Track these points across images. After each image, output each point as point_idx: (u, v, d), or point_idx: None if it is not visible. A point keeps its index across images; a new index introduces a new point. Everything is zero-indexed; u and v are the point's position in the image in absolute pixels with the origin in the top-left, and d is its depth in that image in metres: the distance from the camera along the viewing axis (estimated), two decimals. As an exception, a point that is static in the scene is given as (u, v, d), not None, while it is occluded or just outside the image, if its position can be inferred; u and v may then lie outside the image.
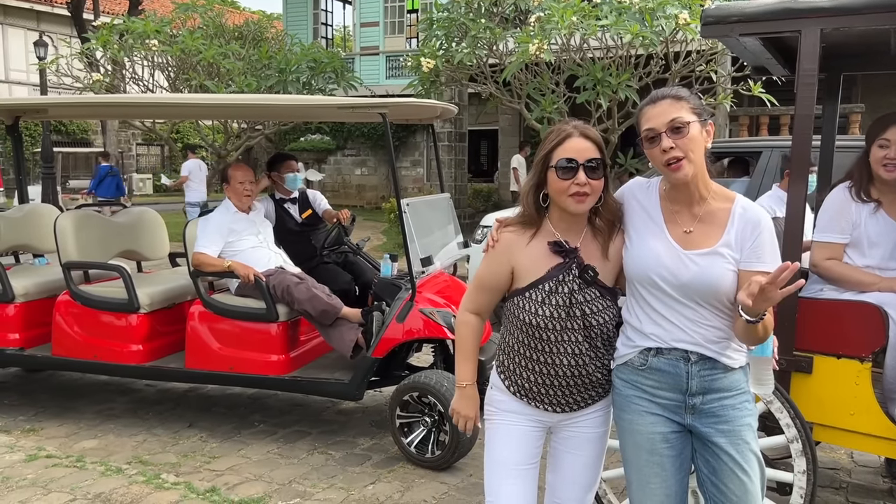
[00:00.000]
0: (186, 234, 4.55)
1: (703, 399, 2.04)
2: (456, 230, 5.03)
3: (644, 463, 2.08)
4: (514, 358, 2.17)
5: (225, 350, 4.37)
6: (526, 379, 2.16)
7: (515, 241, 2.13)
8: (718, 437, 2.03)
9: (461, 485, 3.83)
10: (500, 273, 2.16)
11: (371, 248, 11.69)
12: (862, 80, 14.36)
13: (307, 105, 4.55)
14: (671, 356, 2.04)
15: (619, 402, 2.14)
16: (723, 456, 2.02)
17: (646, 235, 2.07)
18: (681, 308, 2.02)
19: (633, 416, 2.09)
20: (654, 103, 2.00)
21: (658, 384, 2.06)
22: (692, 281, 1.98)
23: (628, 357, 2.10)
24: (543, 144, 2.10)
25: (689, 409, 2.05)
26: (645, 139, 2.01)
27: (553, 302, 2.06)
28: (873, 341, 2.77)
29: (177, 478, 3.80)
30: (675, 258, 2.01)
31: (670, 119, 1.95)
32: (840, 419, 2.84)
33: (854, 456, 4.14)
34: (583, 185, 2.01)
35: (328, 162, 20.50)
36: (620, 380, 2.13)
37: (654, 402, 2.07)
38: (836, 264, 3.01)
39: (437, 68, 8.90)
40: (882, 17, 2.58)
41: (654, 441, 2.07)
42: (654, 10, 7.34)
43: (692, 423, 2.07)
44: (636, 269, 2.07)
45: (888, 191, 3.01)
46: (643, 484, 2.09)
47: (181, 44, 9.83)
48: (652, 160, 2.04)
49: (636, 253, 2.07)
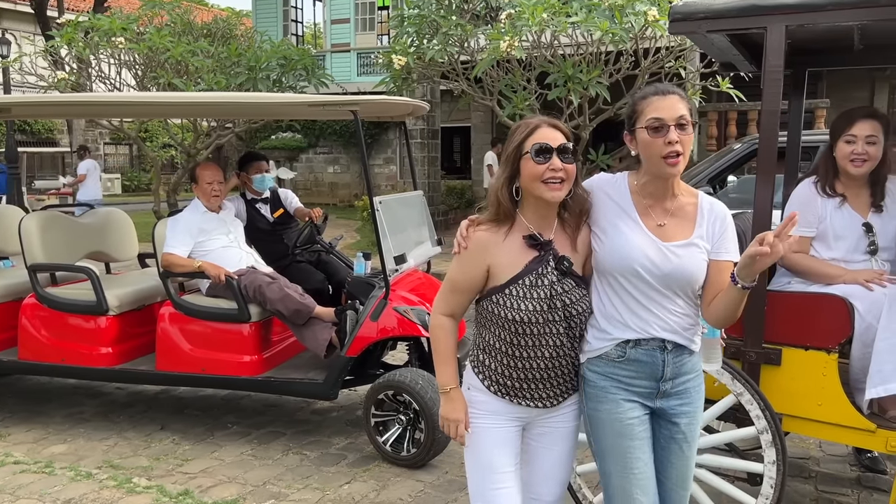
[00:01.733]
0: (155, 235, 4.50)
1: (672, 384, 2.13)
2: (429, 228, 5.02)
3: (626, 449, 2.11)
4: (495, 356, 2.16)
5: (196, 351, 4.32)
6: (507, 376, 2.15)
7: (490, 239, 2.11)
8: (680, 418, 2.16)
9: (437, 482, 3.83)
10: (476, 273, 2.14)
11: (345, 247, 11.63)
12: (827, 75, 14.61)
13: (277, 103, 4.52)
14: (649, 346, 2.10)
15: (595, 395, 2.14)
16: (677, 435, 2.16)
17: (623, 228, 2.11)
18: (659, 298, 2.09)
19: (611, 406, 2.12)
20: (663, 95, 2.05)
21: (635, 374, 2.11)
22: (674, 271, 2.06)
23: (603, 350, 2.12)
24: (512, 137, 2.11)
25: (660, 394, 2.14)
26: (650, 128, 2.04)
27: (534, 295, 2.07)
28: (839, 333, 2.82)
29: (149, 481, 3.76)
30: (656, 250, 2.07)
31: (679, 115, 2.02)
32: (808, 410, 2.89)
33: (823, 446, 4.21)
34: (558, 169, 2.03)
35: (300, 160, 20.36)
36: (594, 373, 2.14)
37: (629, 391, 2.13)
38: (804, 257, 3.05)
39: (408, 65, 8.87)
40: (845, 13, 2.63)
41: (633, 426, 2.12)
42: (623, 7, 7.38)
43: (660, 406, 2.15)
44: (618, 261, 2.09)
45: (853, 185, 3.06)
46: (627, 471, 2.11)
47: (148, 41, 9.66)
48: (649, 148, 2.05)
49: (617, 245, 2.09)
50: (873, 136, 2.96)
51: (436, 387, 3.90)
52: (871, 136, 2.96)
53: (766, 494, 2.77)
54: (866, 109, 3.07)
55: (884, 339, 2.77)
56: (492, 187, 2.16)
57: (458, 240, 2.16)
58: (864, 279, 2.88)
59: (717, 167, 6.27)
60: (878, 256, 3.00)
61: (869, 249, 3.00)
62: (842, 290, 2.87)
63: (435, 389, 3.90)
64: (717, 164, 6.43)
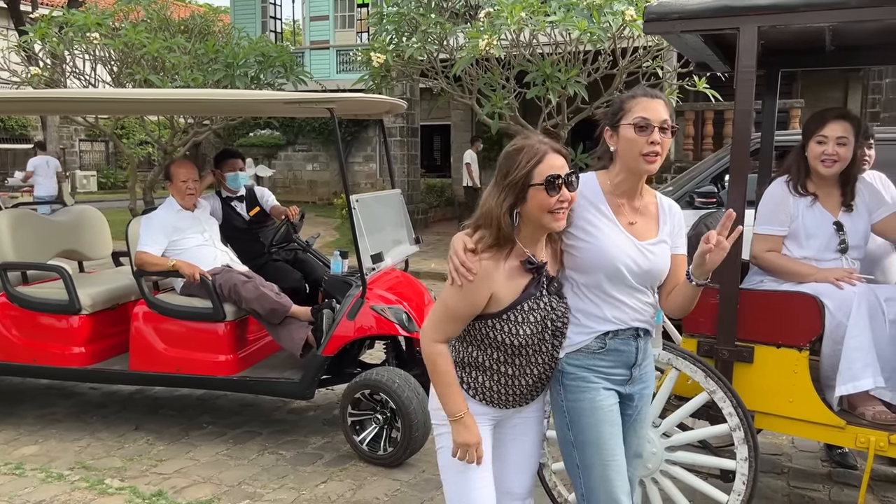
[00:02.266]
0: (129, 233, 4.44)
1: (639, 369, 2.25)
2: (407, 226, 5.01)
3: (608, 436, 2.16)
4: (484, 371, 2.16)
5: (171, 351, 4.28)
6: (496, 392, 2.17)
7: (494, 267, 2.04)
8: (640, 400, 2.29)
9: (413, 481, 3.82)
10: (479, 303, 2.06)
11: (323, 245, 11.59)
12: (802, 76, 14.78)
13: (254, 100, 4.48)
14: (626, 336, 2.19)
15: (575, 386, 2.18)
16: (636, 415, 2.29)
17: (604, 229, 2.16)
18: (633, 292, 2.18)
19: (593, 395, 2.17)
20: (651, 98, 2.15)
21: (613, 363, 2.19)
22: (652, 269, 2.18)
23: (584, 343, 2.18)
24: (517, 163, 2.02)
25: (631, 380, 2.24)
26: (637, 125, 2.11)
27: (531, 319, 2.09)
28: (810, 330, 2.86)
29: (122, 482, 3.72)
30: (636, 249, 2.16)
31: (664, 118, 2.12)
32: (780, 407, 2.92)
33: (795, 442, 4.27)
34: (566, 200, 2.02)
35: (279, 157, 20.24)
36: (574, 365, 2.18)
37: (608, 380, 2.20)
38: (776, 256, 3.08)
39: (387, 63, 8.85)
40: (816, 15, 2.66)
41: (612, 413, 2.19)
42: (601, 7, 7.41)
43: (629, 391, 2.25)
44: (603, 261, 2.13)
45: (824, 185, 3.10)
46: (609, 459, 2.15)
47: (124, 37, 9.54)
48: (631, 144, 2.12)
49: (602, 246, 2.13)
50: (844, 137, 3.00)
51: (412, 385, 3.91)
52: (841, 138, 3.00)
53: (738, 491, 2.79)
54: (838, 111, 3.11)
55: (853, 336, 2.81)
56: (489, 212, 2.04)
57: (461, 271, 2.02)
58: (834, 278, 2.92)
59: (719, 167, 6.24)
60: (848, 255, 3.04)
61: (839, 248, 3.03)
62: (813, 288, 2.90)
63: (411, 388, 3.90)
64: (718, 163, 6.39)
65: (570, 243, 2.17)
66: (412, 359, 4.39)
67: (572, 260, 2.17)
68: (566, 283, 2.21)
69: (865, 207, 3.10)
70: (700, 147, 11.51)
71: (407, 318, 4.12)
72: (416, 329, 4.13)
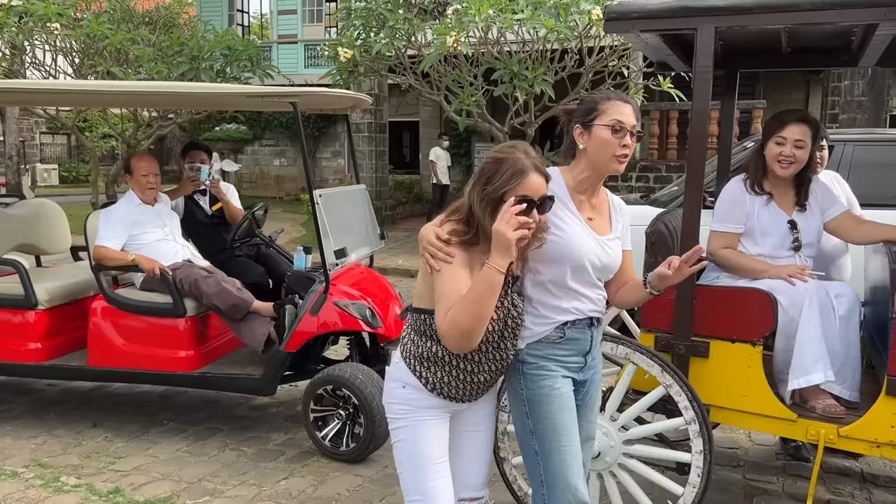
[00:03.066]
0: (87, 227, 4.37)
1: (591, 356, 2.34)
2: (373, 222, 5.00)
3: (569, 423, 2.21)
4: (442, 367, 2.16)
5: (130, 346, 4.22)
6: (453, 387, 2.18)
7: (466, 259, 2.06)
8: (591, 386, 2.37)
9: (376, 476, 3.82)
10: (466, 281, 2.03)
11: (289, 241, 11.50)
12: (764, 78, 15.05)
13: (216, 93, 4.42)
14: (581, 325, 2.27)
15: (535, 375, 2.22)
16: (588, 401, 2.37)
17: (571, 224, 2.22)
18: (592, 286, 2.28)
19: (552, 382, 2.22)
20: (626, 103, 2.24)
21: (570, 352, 2.26)
22: (610, 263, 2.29)
23: (544, 333, 2.23)
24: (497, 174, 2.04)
25: (585, 367, 2.32)
26: (613, 127, 2.19)
27: (493, 318, 2.09)
28: (764, 326, 2.92)
29: (78, 480, 3.66)
30: (597, 244, 2.25)
31: (634, 124, 2.23)
32: (734, 401, 2.98)
33: (752, 436, 4.35)
34: (529, 225, 1.97)
35: (245, 152, 20.03)
36: (533, 355, 2.23)
37: (566, 367, 2.26)
38: (732, 253, 3.14)
39: (355, 58, 8.81)
40: (772, 16, 2.71)
41: (570, 400, 2.25)
42: (568, 6, 7.47)
43: (582, 378, 2.33)
44: (569, 255, 2.19)
45: (779, 185, 3.16)
46: (567, 444, 2.20)
47: (86, 28, 9.37)
48: (605, 144, 2.20)
49: (568, 240, 2.19)
50: (801, 140, 3.06)
51: (375, 381, 3.91)
52: (799, 140, 3.06)
53: (693, 483, 2.84)
54: (798, 113, 3.17)
55: (805, 332, 2.88)
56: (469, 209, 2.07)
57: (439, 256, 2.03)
58: (787, 274, 2.98)
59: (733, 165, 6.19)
60: (801, 252, 3.11)
61: (793, 246, 3.10)
62: (766, 284, 2.97)
63: (374, 384, 3.89)
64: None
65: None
66: (376, 355, 4.38)
67: (538, 253, 2.20)
68: (527, 276, 2.24)
69: (818, 207, 3.17)
70: (665, 146, 11.66)
71: (371, 313, 4.11)
72: (379, 325, 4.13)
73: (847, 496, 3.63)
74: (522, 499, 3.14)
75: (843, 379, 2.95)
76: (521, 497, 3.15)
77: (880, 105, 11.60)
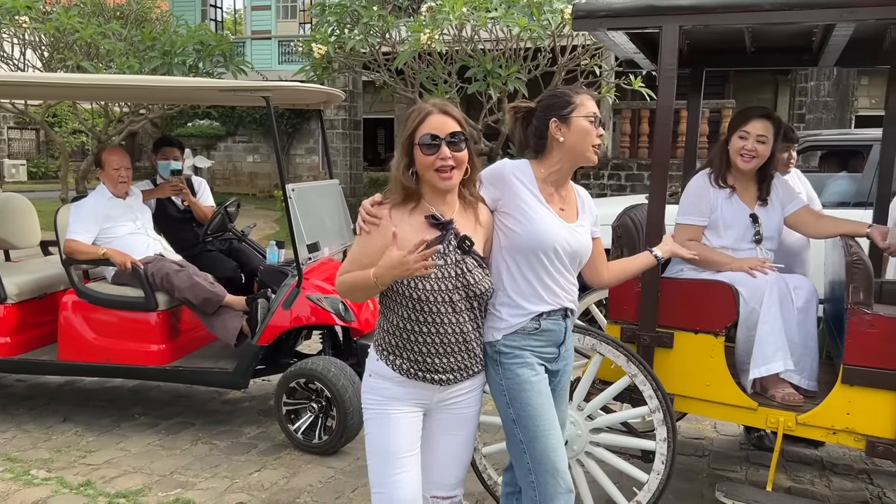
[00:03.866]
0: (58, 221, 4.34)
1: (564, 347, 2.40)
2: (345, 217, 5.02)
3: (548, 407, 2.30)
4: (402, 335, 2.18)
5: (101, 340, 4.21)
6: (417, 353, 2.18)
7: (396, 217, 2.16)
8: (563, 375, 2.44)
9: (348, 468, 3.86)
10: (379, 251, 2.11)
11: (263, 237, 11.46)
12: (734, 77, 15.29)
13: (188, 87, 4.42)
14: (556, 317, 2.33)
15: (512, 364, 2.28)
16: (560, 391, 2.44)
17: (539, 211, 2.28)
18: (565, 272, 2.34)
19: (529, 370, 2.29)
20: (592, 96, 2.36)
21: (545, 342, 2.33)
22: (580, 248, 2.35)
23: (520, 325, 2.28)
24: (406, 124, 2.18)
25: (558, 358, 2.39)
26: (589, 121, 2.31)
27: (438, 274, 2.14)
28: (726, 317, 3.00)
29: (48, 473, 3.65)
30: (567, 230, 2.32)
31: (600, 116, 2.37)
32: (698, 390, 3.06)
33: (717, 426, 4.46)
34: (447, 158, 2.11)
35: (218, 148, 19.84)
36: (510, 346, 2.28)
37: (541, 357, 2.33)
38: (696, 245, 3.22)
39: (329, 55, 8.80)
40: (734, 16, 2.79)
41: (547, 386, 2.33)
42: (541, 5, 7.54)
43: (555, 368, 2.39)
44: (540, 240, 2.25)
45: (742, 179, 3.25)
46: (549, 429, 2.27)
47: (55, 21, 9.24)
48: (585, 136, 2.30)
49: (540, 226, 2.26)
50: (764, 135, 3.15)
51: (348, 374, 3.94)
52: (761, 136, 3.15)
53: (658, 470, 2.92)
54: (762, 110, 3.26)
55: (765, 322, 2.97)
56: (393, 171, 2.22)
57: (367, 218, 2.18)
58: (748, 267, 3.07)
59: None
60: (762, 245, 3.20)
61: (755, 238, 3.19)
62: (728, 277, 3.05)
63: (347, 376, 3.93)
64: None
65: (507, 224, 2.28)
66: (349, 348, 4.41)
67: (510, 240, 2.27)
68: (502, 268, 2.29)
69: (779, 202, 3.26)
70: (636, 145, 11.80)
71: (343, 307, 4.14)
72: (352, 318, 4.16)
73: (807, 483, 3.74)
74: (492, 488, 3.20)
75: (802, 368, 3.04)
76: (491, 486, 3.20)
77: (845, 105, 11.87)
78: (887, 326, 2.70)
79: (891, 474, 3.85)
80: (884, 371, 2.71)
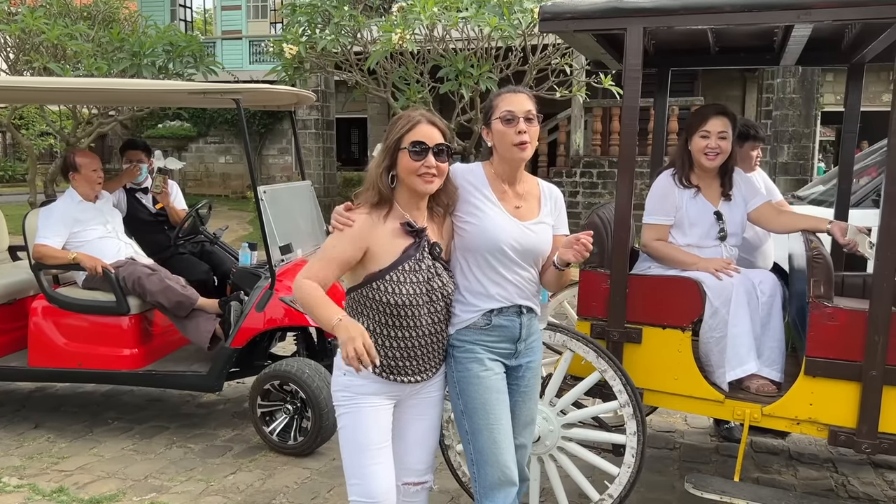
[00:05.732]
0: (26, 225, 4.30)
1: (525, 343, 2.43)
2: (318, 218, 5.02)
3: (495, 402, 2.33)
4: (375, 340, 2.24)
5: (72, 346, 4.18)
6: (391, 357, 2.26)
7: (371, 223, 2.22)
8: (528, 372, 2.46)
9: (324, 469, 3.87)
10: (352, 253, 2.21)
11: (235, 239, 11.40)
12: (702, 76, 15.49)
13: (158, 90, 4.40)
14: (509, 313, 2.37)
15: (464, 358, 2.34)
16: (525, 388, 2.46)
17: (488, 212, 2.33)
18: (518, 270, 2.36)
19: (478, 366, 2.33)
20: (514, 93, 2.36)
21: (498, 338, 2.37)
22: (533, 246, 2.36)
23: (472, 320, 2.34)
24: (393, 129, 2.24)
25: (516, 354, 2.42)
26: (503, 119, 2.31)
27: (413, 280, 2.21)
28: (692, 312, 3.07)
29: (20, 480, 3.62)
30: (517, 228, 2.34)
31: (527, 109, 2.32)
32: (666, 384, 3.12)
33: (688, 419, 4.54)
34: (431, 166, 2.19)
35: (189, 150, 19.65)
36: (463, 340, 2.35)
37: (493, 352, 2.37)
38: (663, 245, 3.28)
39: (300, 55, 8.78)
40: (695, 17, 2.85)
41: (498, 381, 2.36)
42: (511, 4, 7.59)
43: (515, 364, 2.43)
44: (487, 241, 2.30)
45: (706, 177, 3.32)
46: (496, 421, 2.32)
47: (21, 22, 9.11)
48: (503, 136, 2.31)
49: (486, 227, 2.31)
50: (724, 131, 3.23)
51: (322, 374, 3.96)
52: (722, 132, 3.22)
53: (628, 463, 2.98)
54: (717, 107, 3.33)
55: (735, 324, 3.04)
56: (370, 174, 2.27)
57: (340, 220, 2.22)
58: (714, 268, 3.13)
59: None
60: (727, 242, 3.27)
61: (719, 235, 3.26)
62: (694, 273, 3.11)
63: (322, 377, 3.94)
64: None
65: (459, 225, 2.35)
66: (323, 349, 4.43)
67: (461, 240, 2.35)
68: (456, 265, 2.37)
69: (742, 198, 3.34)
70: (608, 143, 11.91)
71: (317, 308, 4.14)
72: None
73: (775, 473, 3.83)
74: (466, 484, 3.23)
75: (771, 361, 3.11)
76: (466, 483, 3.24)
77: (810, 102, 12.08)
78: (847, 319, 2.79)
79: (854, 463, 3.96)
80: (844, 362, 2.80)
